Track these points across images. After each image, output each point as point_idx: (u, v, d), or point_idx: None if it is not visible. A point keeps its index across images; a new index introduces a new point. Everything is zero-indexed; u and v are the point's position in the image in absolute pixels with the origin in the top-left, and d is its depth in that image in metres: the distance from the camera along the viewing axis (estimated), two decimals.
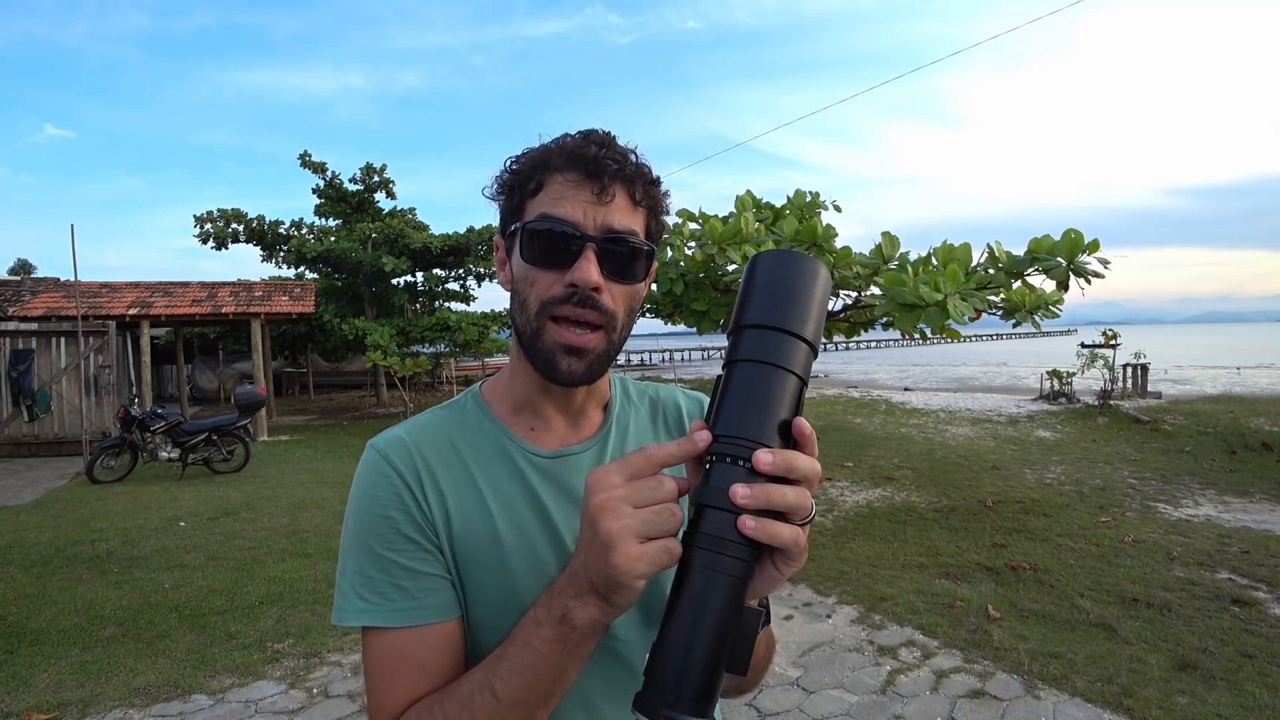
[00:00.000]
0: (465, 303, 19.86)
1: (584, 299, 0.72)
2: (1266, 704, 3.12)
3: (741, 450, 0.51)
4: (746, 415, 0.52)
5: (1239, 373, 18.72)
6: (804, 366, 0.54)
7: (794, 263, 0.55)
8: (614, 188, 0.73)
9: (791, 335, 0.53)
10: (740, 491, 0.49)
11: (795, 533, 0.51)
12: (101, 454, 8.89)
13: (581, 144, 0.74)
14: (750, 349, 0.53)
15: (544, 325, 0.74)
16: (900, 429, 11.41)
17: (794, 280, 0.55)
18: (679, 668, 0.49)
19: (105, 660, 3.76)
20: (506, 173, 0.78)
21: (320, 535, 6.11)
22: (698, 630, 0.49)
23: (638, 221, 0.76)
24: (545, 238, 0.73)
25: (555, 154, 0.74)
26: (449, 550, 0.75)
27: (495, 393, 0.85)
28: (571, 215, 0.72)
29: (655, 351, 40.90)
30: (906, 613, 4.23)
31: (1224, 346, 47.61)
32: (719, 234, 7.03)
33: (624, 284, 0.75)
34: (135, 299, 13.19)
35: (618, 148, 0.75)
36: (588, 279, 0.71)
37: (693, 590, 0.50)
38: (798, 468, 0.51)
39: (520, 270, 0.76)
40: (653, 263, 0.80)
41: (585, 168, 0.73)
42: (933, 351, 44.77)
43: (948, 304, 6.09)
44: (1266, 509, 6.68)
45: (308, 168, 18.86)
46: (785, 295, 0.54)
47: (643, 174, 0.76)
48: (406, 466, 0.75)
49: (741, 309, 0.55)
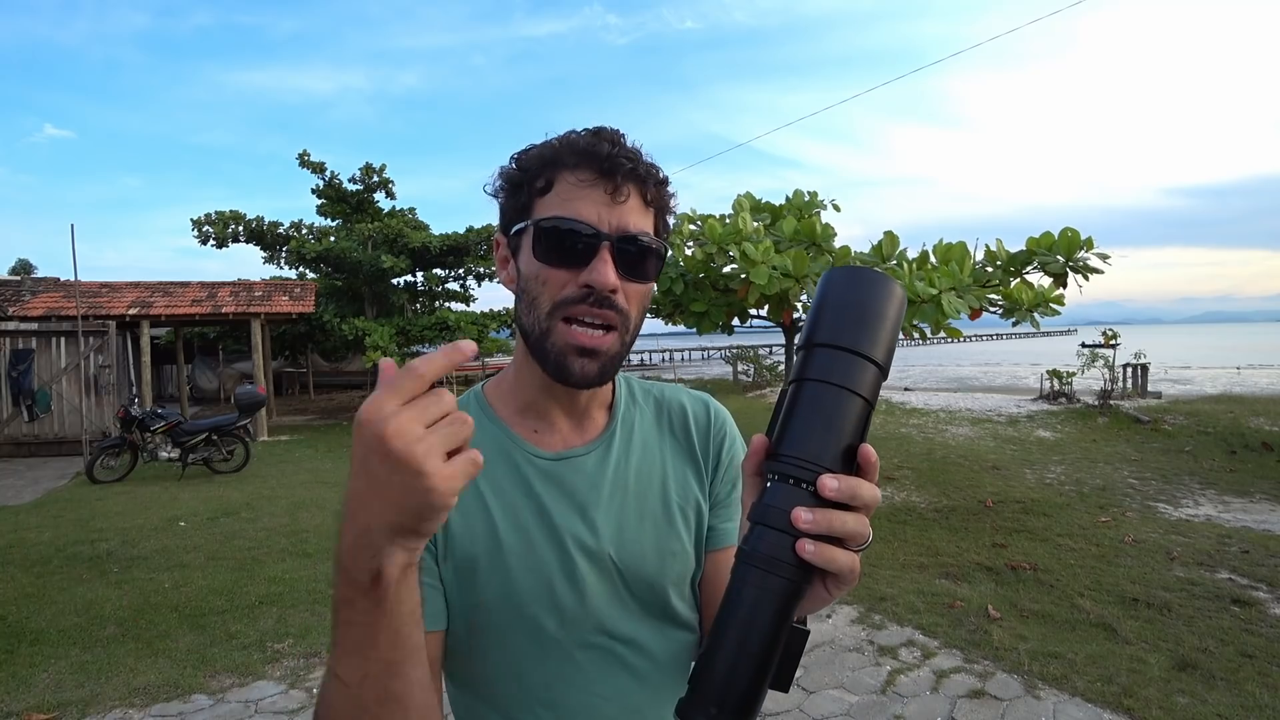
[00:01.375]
0: (465, 303, 19.85)
1: (600, 299, 0.72)
2: (1266, 704, 3.12)
3: (805, 473, 0.50)
4: (812, 437, 0.51)
5: (1239, 373, 18.71)
6: (872, 390, 0.53)
7: (868, 281, 0.54)
8: (627, 187, 0.73)
9: (862, 357, 0.52)
10: (803, 516, 0.49)
11: (852, 559, 0.51)
12: (101, 454, 8.89)
13: (594, 142, 0.73)
14: (820, 369, 0.53)
15: (555, 325, 0.73)
16: (900, 429, 11.40)
17: (868, 300, 0.54)
18: (724, 681, 0.49)
19: (105, 660, 3.76)
20: (512, 169, 0.77)
21: (320, 535, 6.11)
22: (745, 646, 0.50)
23: (649, 222, 0.76)
24: (559, 237, 0.72)
25: (566, 152, 0.74)
26: (448, 554, 0.75)
27: (498, 393, 0.85)
28: (587, 215, 0.72)
29: (655, 351, 40.89)
30: (906, 613, 4.23)
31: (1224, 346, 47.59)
32: (718, 234, 7.03)
33: (638, 284, 0.75)
34: (135, 299, 13.18)
35: (628, 147, 0.74)
36: (605, 280, 0.71)
37: (744, 607, 0.50)
38: (861, 495, 0.50)
39: (531, 269, 0.75)
40: (663, 262, 0.79)
41: (599, 166, 0.72)
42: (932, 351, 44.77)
43: (942, 300, 6.09)
44: (1266, 509, 6.68)
45: (306, 167, 18.85)
46: (858, 315, 0.53)
47: (653, 174, 0.76)
48: None
49: (814, 326, 0.54)
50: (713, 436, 0.90)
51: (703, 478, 0.88)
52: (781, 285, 6.56)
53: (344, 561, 0.52)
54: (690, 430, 0.89)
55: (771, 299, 7.13)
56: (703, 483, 0.88)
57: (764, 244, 6.69)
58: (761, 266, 6.53)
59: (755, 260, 6.58)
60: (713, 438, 0.90)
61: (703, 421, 0.90)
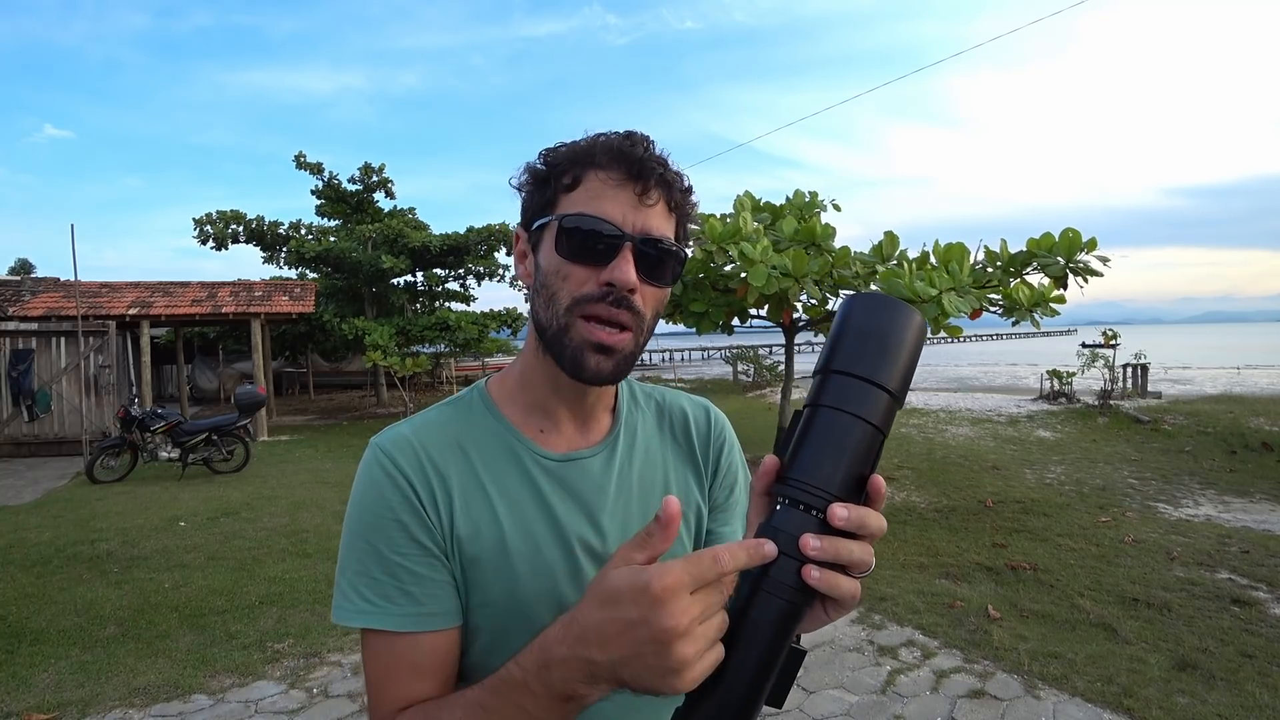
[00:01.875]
0: (465, 302, 19.84)
1: (619, 299, 0.72)
2: (1266, 704, 3.12)
3: (816, 500, 0.51)
4: (824, 464, 0.52)
5: (1239, 373, 18.72)
6: (885, 419, 0.54)
7: (889, 310, 0.55)
8: (655, 191, 0.74)
9: (878, 387, 0.53)
10: (811, 543, 0.50)
11: (854, 586, 0.52)
12: (101, 454, 8.89)
13: (626, 144, 0.74)
14: (836, 396, 0.53)
15: (573, 321, 0.73)
16: (900, 429, 11.40)
17: (887, 329, 0.54)
18: (722, 698, 0.50)
19: (105, 660, 3.76)
20: (540, 164, 0.77)
21: (320, 535, 6.11)
22: (744, 665, 0.50)
23: (671, 227, 0.76)
24: (584, 234, 0.72)
25: (598, 151, 0.74)
26: (455, 555, 0.75)
27: (504, 391, 0.84)
28: (612, 214, 0.72)
29: (655, 351, 40.91)
30: (906, 613, 4.23)
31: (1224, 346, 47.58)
32: (717, 234, 7.03)
33: (656, 287, 0.76)
34: (135, 299, 13.18)
35: (657, 153, 0.75)
36: (626, 279, 0.71)
37: (746, 627, 0.51)
38: (868, 525, 0.52)
39: (552, 264, 0.74)
40: (681, 268, 0.79)
41: (629, 168, 0.73)
42: (933, 351, 44.78)
43: (942, 299, 6.10)
44: (1266, 509, 6.68)
45: (303, 169, 18.83)
46: (877, 344, 0.54)
47: (679, 181, 0.77)
48: (414, 469, 0.74)
49: (832, 352, 0.55)
50: (713, 442, 0.91)
51: (702, 482, 0.89)
52: (780, 285, 6.56)
53: (550, 658, 0.54)
54: (691, 435, 0.90)
55: (771, 299, 7.13)
56: (702, 487, 0.89)
57: (762, 243, 6.68)
58: (760, 266, 6.53)
59: (753, 260, 6.58)
60: (713, 443, 0.91)
61: (703, 427, 0.91)
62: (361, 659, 0.75)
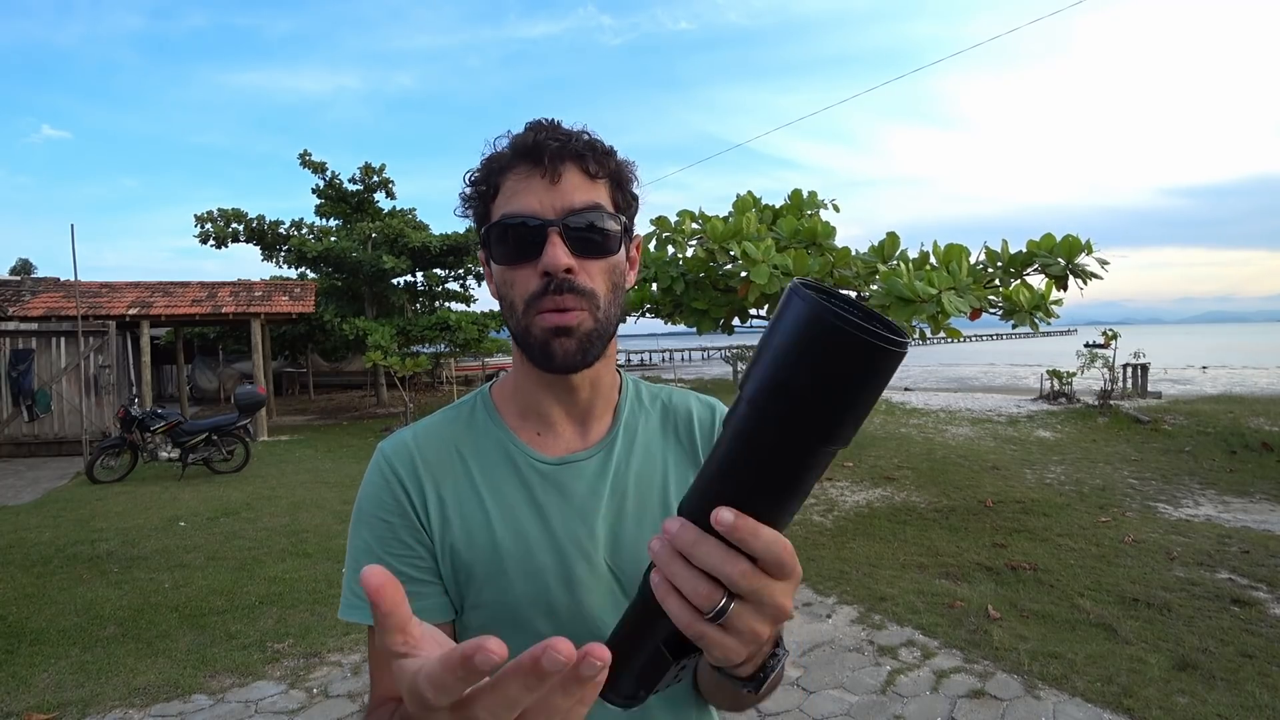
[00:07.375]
0: (465, 302, 19.85)
1: (559, 284, 0.72)
2: (1266, 704, 3.12)
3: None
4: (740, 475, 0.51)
5: (1239, 373, 18.72)
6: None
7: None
8: (562, 167, 0.73)
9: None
10: (669, 526, 0.43)
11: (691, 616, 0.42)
12: (101, 454, 8.88)
13: (527, 136, 0.74)
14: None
15: (532, 320, 0.74)
16: (900, 429, 11.40)
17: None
18: (615, 662, 0.50)
19: (105, 660, 3.76)
20: (467, 186, 0.78)
21: (320, 535, 6.11)
22: (635, 630, 0.50)
23: (599, 194, 0.75)
24: (509, 235, 0.73)
25: (504, 154, 0.75)
26: (446, 556, 0.76)
27: (503, 395, 0.85)
28: (528, 206, 0.72)
29: (655, 351, 40.88)
30: (906, 613, 4.23)
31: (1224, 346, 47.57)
32: (719, 233, 7.03)
33: (598, 259, 0.75)
34: (135, 299, 13.17)
35: (560, 129, 0.75)
36: (556, 263, 0.71)
37: (639, 596, 0.51)
38: (755, 541, 0.41)
39: (499, 274, 0.76)
40: (630, 233, 0.79)
41: (530, 156, 0.73)
42: (933, 351, 44.75)
43: (943, 299, 6.10)
44: (1266, 509, 6.67)
45: (307, 167, 18.85)
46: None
47: (593, 147, 0.75)
48: (408, 472, 0.77)
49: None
50: (715, 438, 0.90)
51: None
52: (782, 284, 6.57)
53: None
54: (694, 433, 0.89)
55: (772, 298, 7.13)
56: None
57: (765, 243, 6.69)
58: (762, 265, 6.53)
59: (756, 259, 6.58)
60: (715, 439, 0.90)
61: (707, 424, 0.90)
62: None
